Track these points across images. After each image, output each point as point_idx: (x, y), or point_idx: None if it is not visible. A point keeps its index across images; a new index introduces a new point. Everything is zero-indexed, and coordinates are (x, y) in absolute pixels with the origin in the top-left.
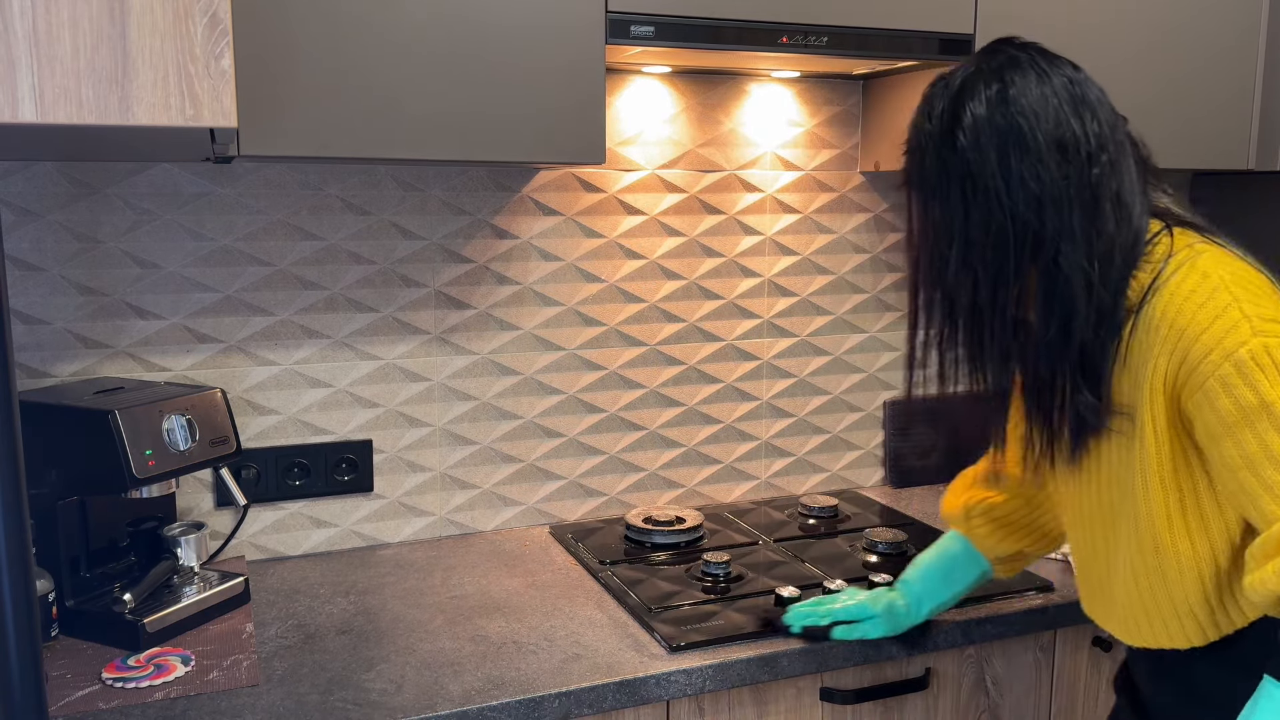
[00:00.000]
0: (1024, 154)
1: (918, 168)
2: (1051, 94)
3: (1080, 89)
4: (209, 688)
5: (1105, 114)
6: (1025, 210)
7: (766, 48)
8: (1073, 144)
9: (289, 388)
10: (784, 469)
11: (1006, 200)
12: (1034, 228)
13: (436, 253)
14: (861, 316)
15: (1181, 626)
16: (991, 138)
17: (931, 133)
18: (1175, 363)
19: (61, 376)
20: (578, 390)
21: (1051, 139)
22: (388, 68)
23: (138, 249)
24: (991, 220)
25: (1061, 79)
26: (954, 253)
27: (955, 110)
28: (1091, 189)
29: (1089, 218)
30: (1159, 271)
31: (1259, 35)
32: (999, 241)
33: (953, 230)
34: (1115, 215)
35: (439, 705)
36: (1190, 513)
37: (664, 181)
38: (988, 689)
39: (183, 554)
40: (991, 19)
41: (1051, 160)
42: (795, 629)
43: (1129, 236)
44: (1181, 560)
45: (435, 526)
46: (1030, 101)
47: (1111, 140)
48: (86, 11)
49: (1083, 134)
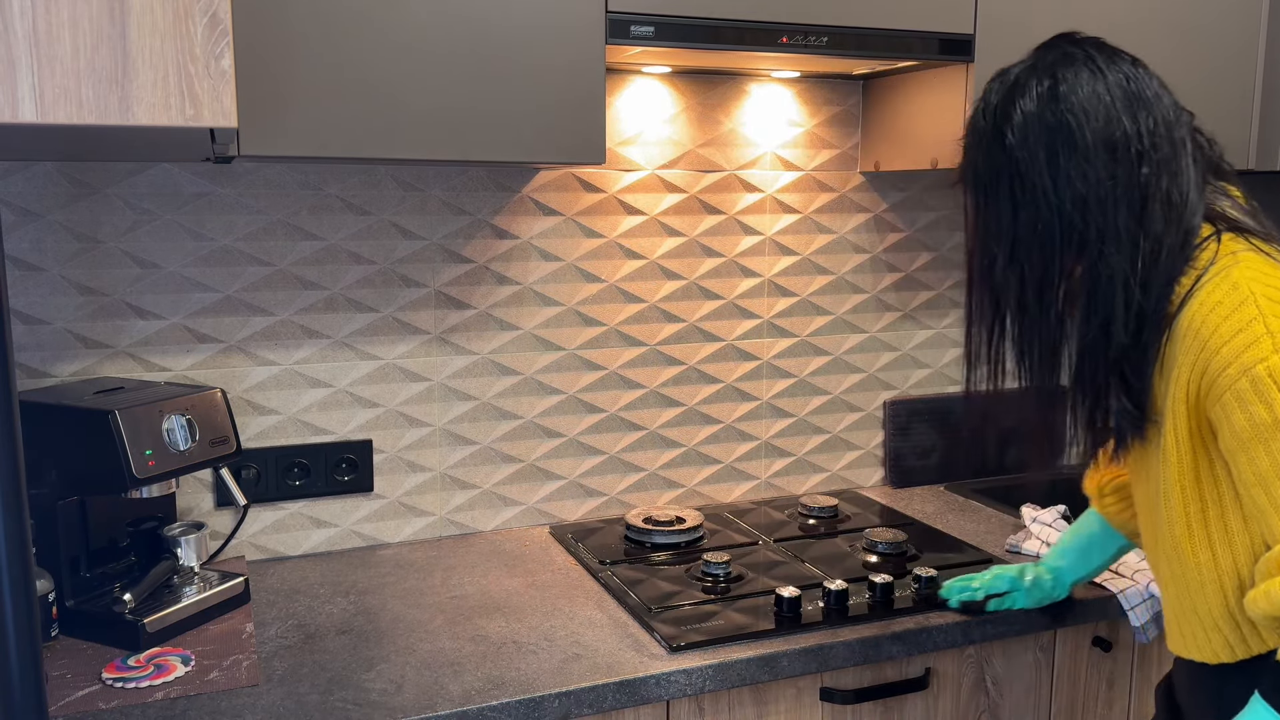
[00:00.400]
0: (1072, 152)
1: (970, 164)
2: (1104, 91)
3: (1137, 85)
4: (209, 688)
5: (1163, 111)
6: (1071, 209)
7: (766, 48)
8: (1122, 143)
9: (289, 388)
10: (784, 469)
11: (1053, 198)
12: (1079, 227)
13: (436, 253)
14: (861, 316)
15: (1209, 639)
16: (1040, 135)
17: (984, 130)
18: (1197, 374)
19: (61, 376)
20: (578, 390)
21: (1101, 137)
22: (388, 68)
23: (138, 249)
24: (1039, 218)
25: (1117, 75)
26: (1002, 250)
27: (1006, 107)
28: (1140, 189)
29: (1135, 218)
30: (1199, 278)
31: (1259, 35)
32: (1045, 240)
33: (1001, 227)
34: (1165, 215)
35: (439, 705)
36: (1213, 524)
37: (664, 181)
38: (988, 689)
39: (183, 554)
40: (991, 19)
41: (1099, 159)
42: (953, 603)
43: (1178, 238)
44: (1202, 571)
45: (435, 526)
46: (1081, 99)
47: (1167, 139)
48: (86, 11)
49: (1134, 132)
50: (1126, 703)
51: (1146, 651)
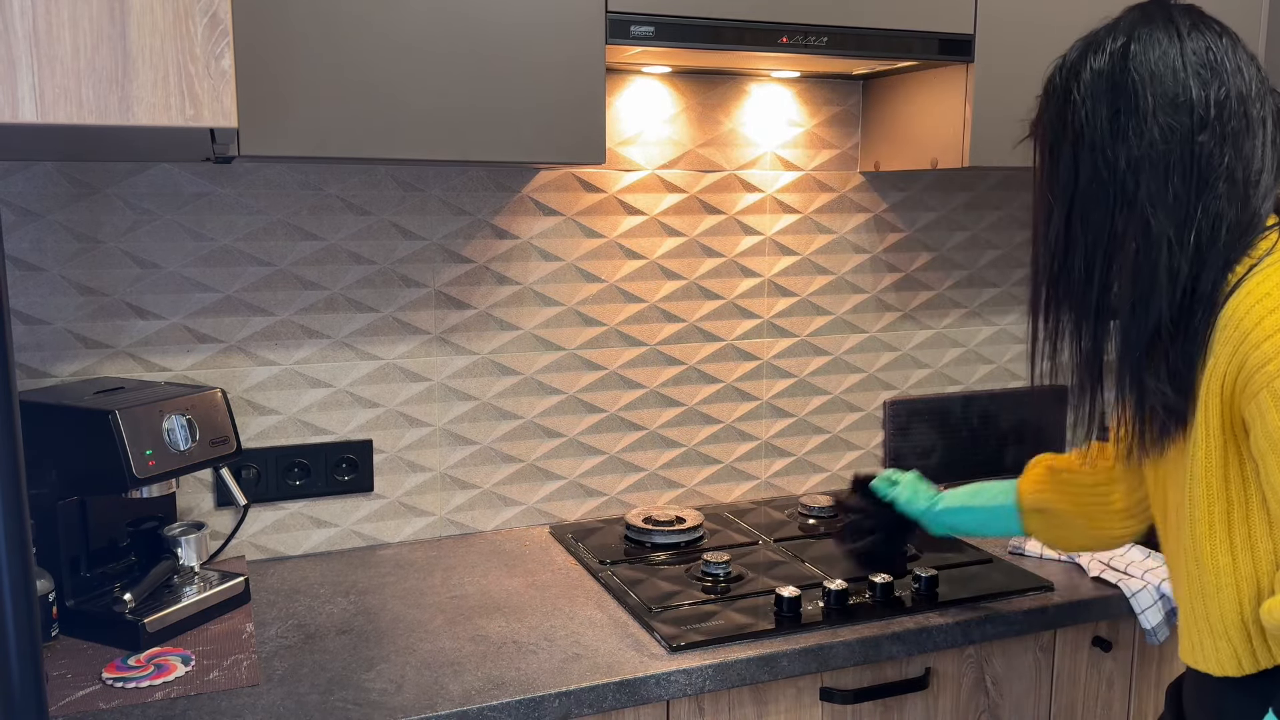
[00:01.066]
0: (1133, 112)
1: (1040, 119)
2: (1176, 54)
3: (1216, 55)
4: (209, 688)
5: (1241, 84)
6: (1125, 170)
7: (766, 48)
8: (1185, 109)
9: (289, 388)
10: (784, 469)
11: (1110, 156)
12: (1131, 189)
13: (436, 253)
14: (861, 316)
15: (1216, 649)
16: (1105, 93)
17: (1056, 85)
18: (1235, 367)
19: (61, 376)
20: (578, 390)
21: (1164, 101)
22: (388, 67)
23: (138, 249)
24: (1096, 177)
25: (1197, 43)
26: (1059, 206)
27: (1078, 64)
28: (1195, 158)
29: (1190, 188)
30: (1253, 268)
31: (1259, 35)
32: (1101, 200)
33: (1062, 184)
34: (1228, 193)
35: (439, 705)
36: (1236, 526)
37: (664, 181)
38: (988, 689)
39: (183, 554)
40: (991, 19)
41: (1159, 122)
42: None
43: (1241, 219)
44: (1220, 575)
45: (435, 526)
46: (1150, 60)
47: (1239, 113)
48: (86, 11)
49: (1201, 100)
50: (1126, 703)
51: (1146, 651)
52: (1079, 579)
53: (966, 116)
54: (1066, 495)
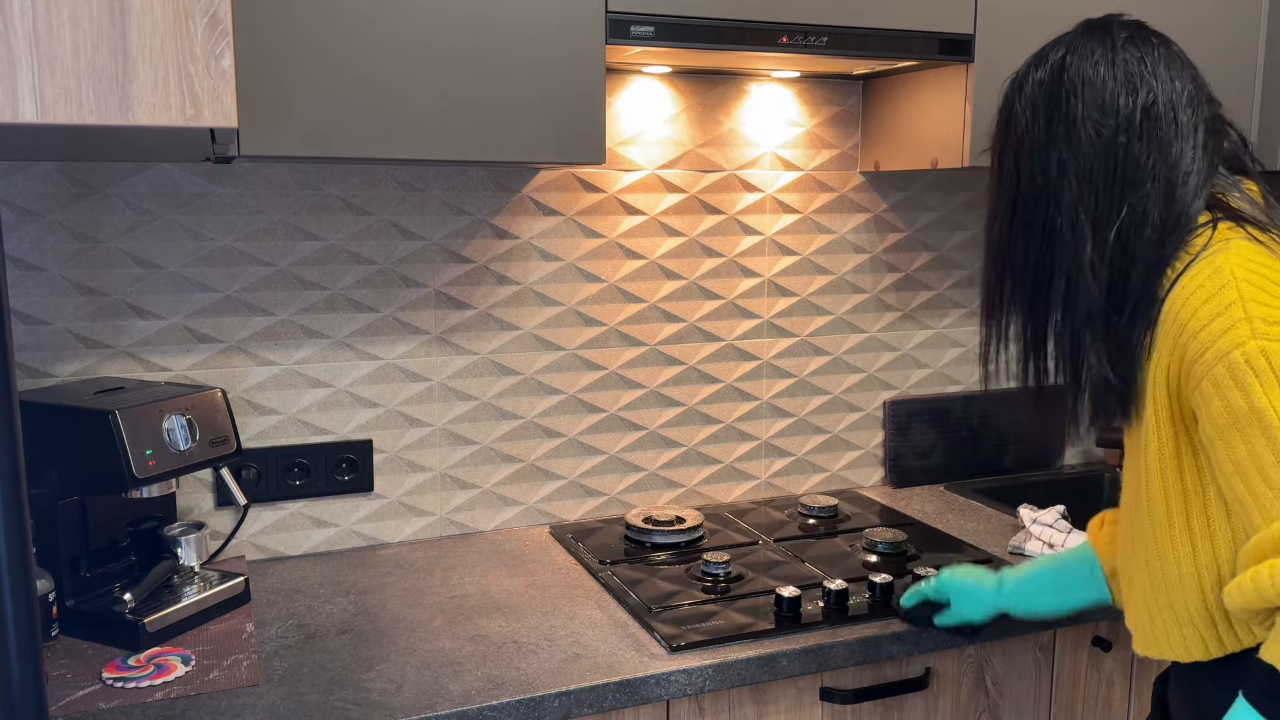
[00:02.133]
0: (1064, 117)
1: (993, 127)
2: (1108, 64)
3: (1149, 66)
4: (209, 687)
5: (1171, 93)
6: (1057, 174)
7: (766, 48)
8: (1111, 112)
9: (289, 388)
10: (784, 469)
11: (1044, 159)
12: (1060, 189)
13: (436, 253)
14: (861, 316)
15: (1183, 637)
16: (1041, 101)
17: (1006, 97)
18: (1176, 359)
19: (61, 376)
20: (578, 390)
21: (1093, 105)
22: (387, 68)
23: (138, 249)
24: (1033, 180)
25: (1131, 53)
26: (1002, 211)
27: (1023, 77)
28: (1119, 160)
29: (1119, 186)
30: (1189, 263)
31: (1259, 35)
32: (1037, 202)
33: (1005, 190)
34: (1154, 193)
35: (439, 705)
36: (1195, 517)
37: (664, 181)
38: (988, 689)
39: (183, 554)
40: (991, 19)
41: (1086, 126)
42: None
43: (1168, 217)
44: (1180, 565)
45: (435, 526)
46: (1084, 69)
47: (1169, 120)
48: (86, 11)
49: (1127, 105)
50: (1126, 703)
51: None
52: None
53: (966, 116)
54: None
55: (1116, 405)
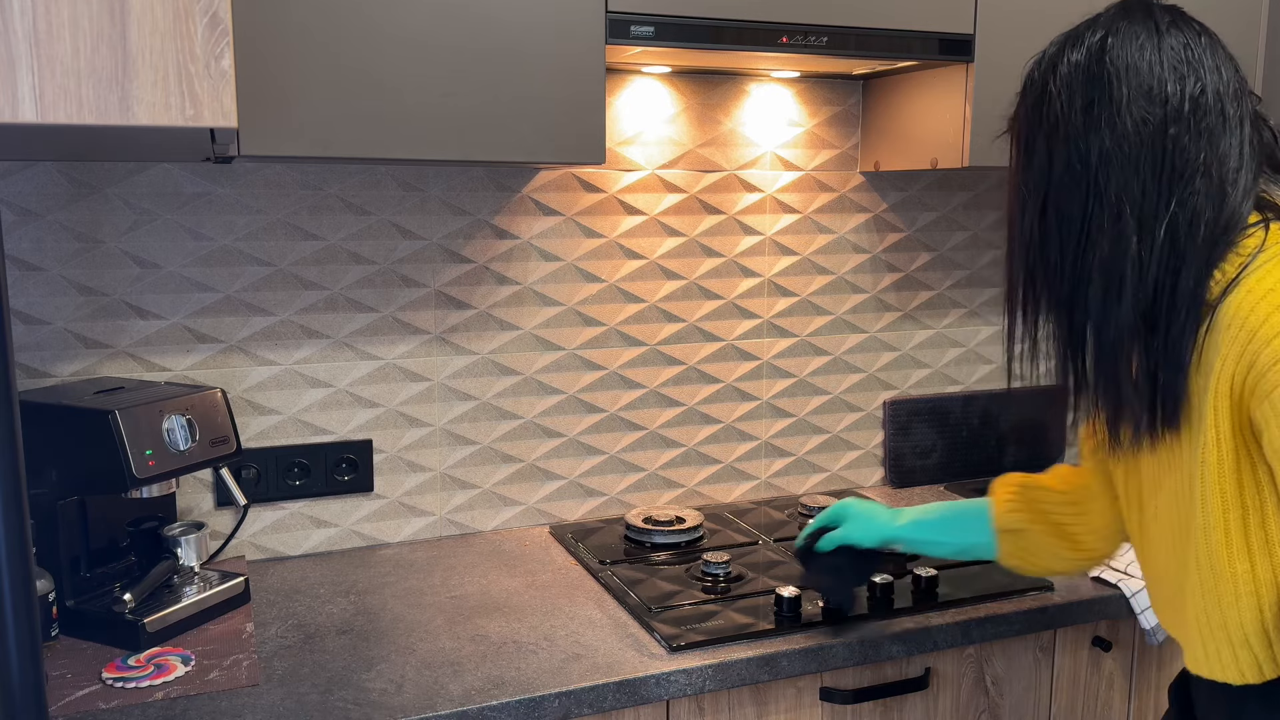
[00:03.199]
0: (1106, 104)
1: (1017, 112)
2: (1154, 49)
3: (1194, 52)
4: (209, 688)
5: (1217, 83)
6: (1097, 163)
7: (766, 48)
8: (1159, 99)
9: (289, 388)
10: (784, 469)
11: (1083, 147)
12: (1102, 181)
13: (436, 253)
14: (861, 316)
15: (1235, 658)
16: (1081, 85)
17: (1034, 80)
18: (1244, 366)
19: (61, 376)
20: (578, 390)
21: (1138, 94)
22: (388, 68)
23: (138, 249)
24: (1070, 169)
25: (1176, 39)
26: (1032, 199)
27: (1056, 58)
28: (1168, 152)
29: (1166, 180)
30: (1245, 265)
31: (1259, 35)
32: (1075, 192)
33: (1035, 179)
34: (1205, 190)
35: (439, 705)
36: (1253, 532)
37: (664, 181)
38: (988, 689)
39: (183, 554)
40: (991, 19)
41: (1131, 114)
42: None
43: (1221, 217)
44: (1238, 583)
45: (435, 526)
46: (1128, 53)
47: (1216, 111)
48: (86, 11)
49: (1176, 94)
50: (1127, 703)
51: (1146, 651)
52: (1079, 579)
53: (966, 116)
54: (1039, 513)
55: (1159, 417)
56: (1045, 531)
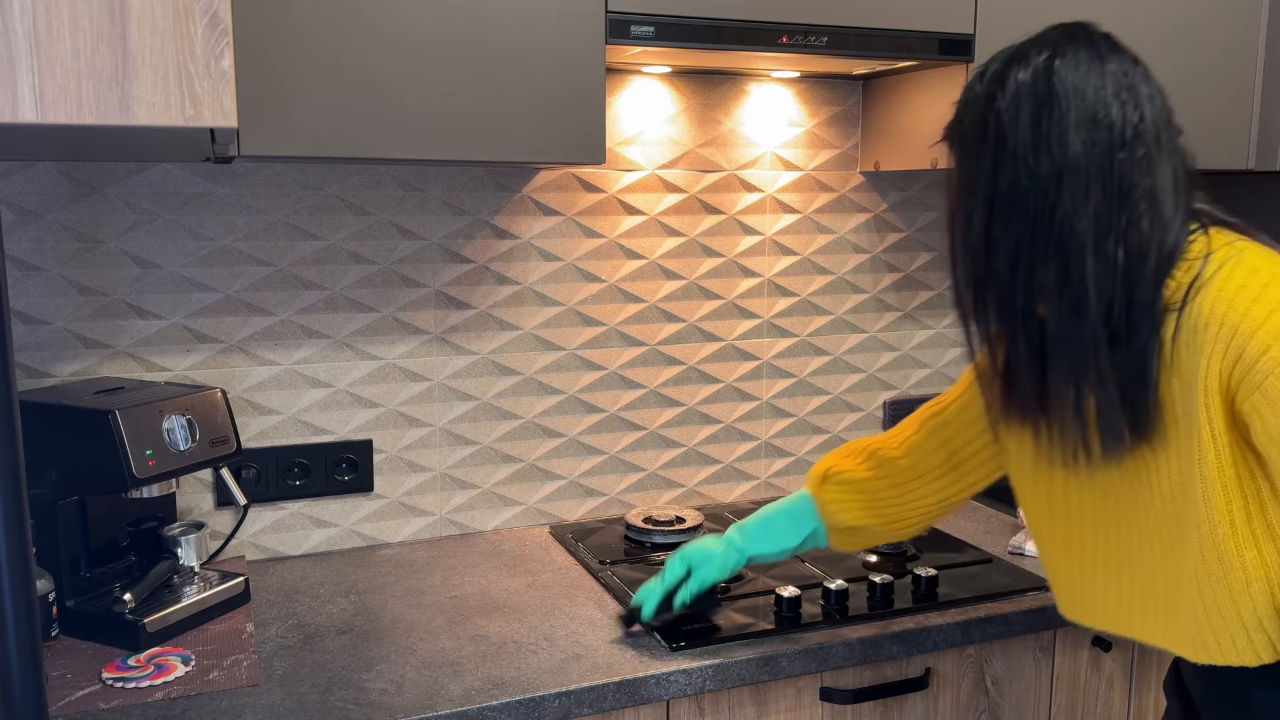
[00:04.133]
0: (1054, 124)
1: (959, 123)
2: (1098, 75)
3: (1133, 80)
4: (209, 688)
5: (1152, 111)
6: (1046, 176)
7: (766, 48)
8: (1105, 124)
9: (289, 388)
10: (784, 469)
11: (1031, 162)
12: (1052, 197)
13: (436, 253)
14: (861, 316)
15: (1250, 641)
16: (1029, 102)
17: (978, 92)
18: (1230, 362)
19: (61, 376)
20: (578, 390)
21: (1085, 116)
22: (388, 68)
23: (138, 249)
24: (1017, 182)
25: (1117, 66)
26: (979, 210)
27: (1003, 73)
28: (1116, 174)
29: (1113, 203)
30: (1199, 270)
31: (1259, 35)
32: (1020, 205)
33: (981, 187)
34: (1149, 213)
35: (439, 705)
36: (1255, 520)
37: (664, 181)
38: (988, 689)
39: (183, 554)
40: (991, 19)
41: (1080, 136)
42: (646, 617)
43: (1165, 237)
44: (1248, 570)
45: (435, 526)
46: (1074, 77)
47: (1152, 137)
48: (86, 11)
49: (1119, 119)
50: (1127, 703)
51: (1146, 651)
52: None
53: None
54: (871, 508)
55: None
56: (875, 521)
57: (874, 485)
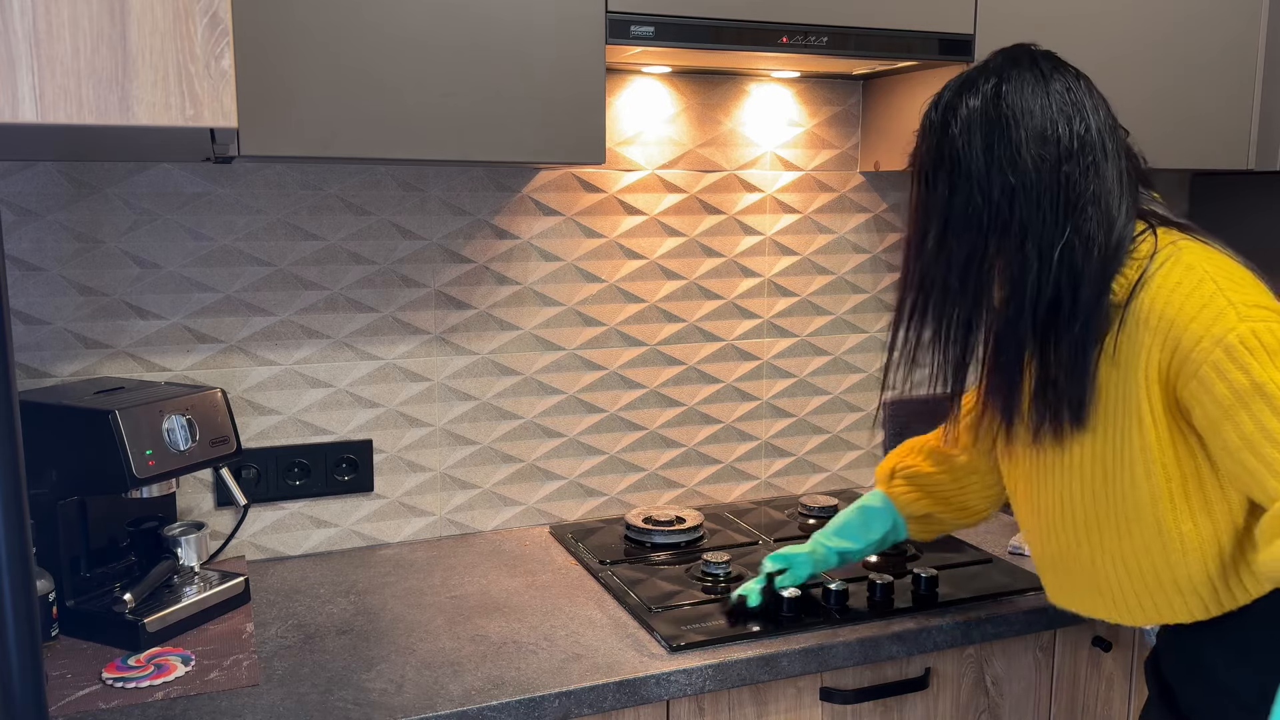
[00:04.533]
0: (1005, 145)
1: (917, 152)
2: (1043, 94)
3: (1076, 96)
4: (209, 688)
5: (1098, 121)
6: (999, 197)
7: (766, 48)
8: (1053, 141)
9: (289, 388)
10: (784, 469)
11: (984, 183)
12: (1004, 214)
13: (436, 253)
14: (861, 316)
15: (1185, 603)
16: (980, 128)
17: (934, 121)
18: (1168, 353)
19: (61, 376)
20: (578, 390)
21: (1034, 135)
22: (388, 68)
23: (138, 249)
24: (970, 202)
25: (1060, 83)
26: (934, 231)
27: (954, 102)
28: (1064, 185)
29: (1061, 212)
30: (1145, 268)
31: (1259, 35)
32: (974, 223)
33: (936, 209)
34: (1094, 215)
35: (439, 705)
36: (1193, 496)
37: (664, 181)
38: (988, 689)
39: (183, 554)
40: (991, 19)
41: (1030, 153)
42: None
43: (1111, 238)
44: (1185, 541)
45: (435, 526)
46: (1021, 99)
47: (1098, 146)
48: (86, 11)
49: (1066, 134)
50: (1126, 703)
51: (1146, 651)
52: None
53: None
54: (936, 497)
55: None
56: (943, 510)
57: (937, 479)
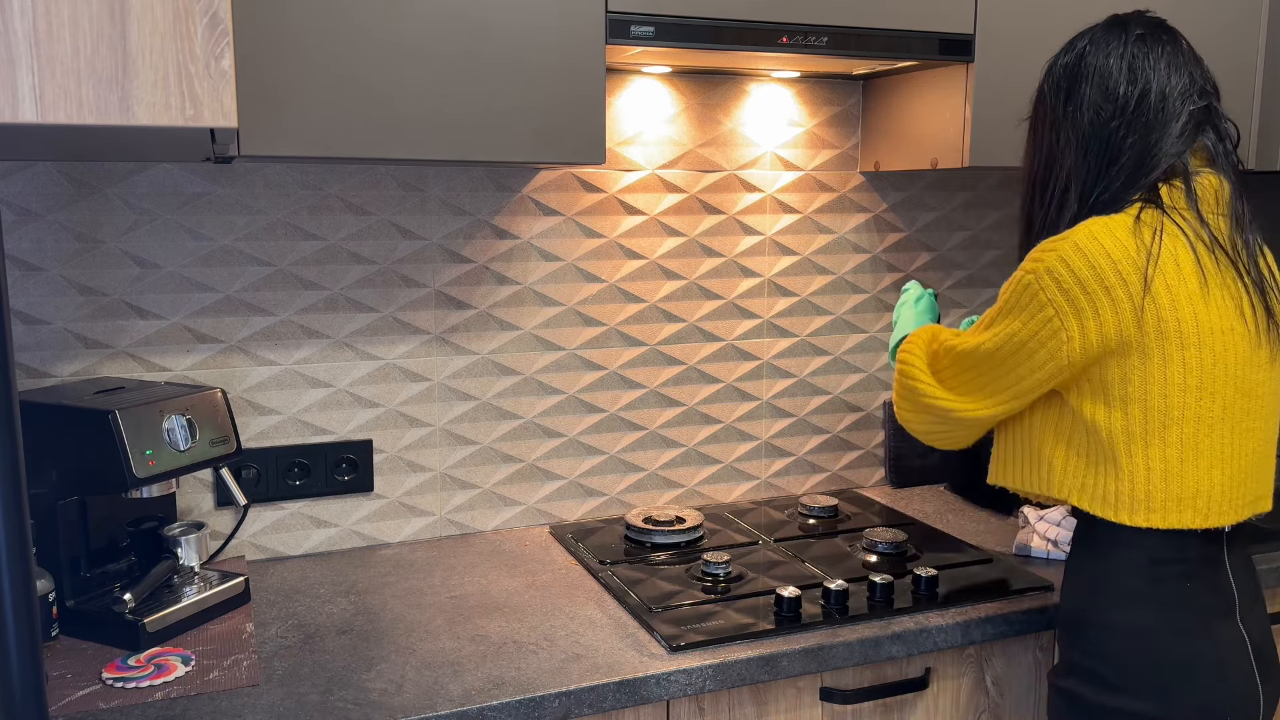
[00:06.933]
0: (1078, 99)
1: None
2: (1118, 56)
3: (1151, 60)
4: (209, 688)
5: (1164, 84)
6: (1061, 146)
7: (766, 48)
8: (1113, 99)
9: (289, 388)
10: (784, 469)
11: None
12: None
13: (436, 253)
14: (861, 316)
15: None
16: (1061, 82)
17: (1042, 76)
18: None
19: (61, 376)
20: (578, 390)
21: (1099, 91)
22: (388, 68)
23: (138, 249)
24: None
25: (1139, 48)
26: (1035, 150)
27: (1054, 61)
28: (1107, 140)
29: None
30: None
31: (1259, 35)
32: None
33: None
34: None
35: (439, 705)
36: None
37: (664, 181)
38: (988, 689)
39: (183, 554)
40: (991, 19)
41: (1088, 110)
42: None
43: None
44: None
45: (435, 526)
46: (1098, 59)
47: (1155, 108)
48: (86, 11)
49: (1125, 93)
50: None
51: None
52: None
53: (966, 116)
54: None
55: None
56: None
57: None
